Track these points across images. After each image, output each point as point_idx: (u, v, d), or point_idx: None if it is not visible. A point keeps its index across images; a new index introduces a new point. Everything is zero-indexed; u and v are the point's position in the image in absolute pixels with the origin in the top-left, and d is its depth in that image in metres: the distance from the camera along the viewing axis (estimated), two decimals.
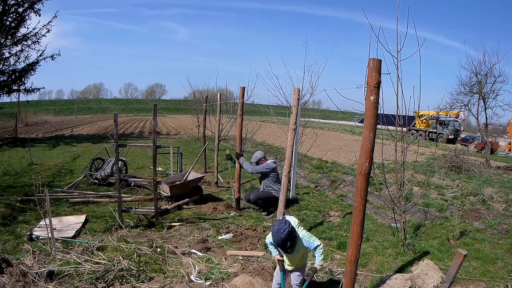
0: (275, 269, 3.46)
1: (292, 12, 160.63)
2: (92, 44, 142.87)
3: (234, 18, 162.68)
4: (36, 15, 15.87)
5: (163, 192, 6.13)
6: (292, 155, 4.75)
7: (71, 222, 4.71)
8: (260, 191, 5.73)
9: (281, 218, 4.14)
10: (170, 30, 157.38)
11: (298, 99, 4.33)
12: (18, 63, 15.89)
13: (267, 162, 5.73)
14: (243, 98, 5.80)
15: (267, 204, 5.54)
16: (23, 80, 16.04)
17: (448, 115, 24.88)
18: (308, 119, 7.74)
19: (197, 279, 3.27)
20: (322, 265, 2.83)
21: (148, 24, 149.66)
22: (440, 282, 3.09)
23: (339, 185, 7.77)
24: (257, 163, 5.74)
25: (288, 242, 2.54)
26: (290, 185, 6.48)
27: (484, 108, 12.04)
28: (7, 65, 15.49)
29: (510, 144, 23.22)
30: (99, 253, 3.64)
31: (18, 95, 16.57)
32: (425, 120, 29.57)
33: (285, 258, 2.82)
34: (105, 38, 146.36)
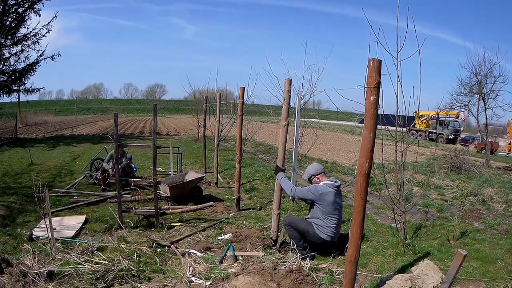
0: (275, 269, 3.46)
1: (300, 9, 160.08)
2: (94, 42, 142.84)
3: (241, 15, 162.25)
4: (36, 15, 15.90)
5: (162, 193, 6.13)
6: (284, 155, 4.17)
7: (71, 222, 4.72)
8: (300, 218, 4.19)
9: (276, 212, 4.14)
10: (174, 27, 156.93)
11: (289, 90, 4.04)
12: (18, 63, 15.93)
13: (321, 183, 3.89)
14: (243, 98, 5.80)
15: (301, 239, 3.88)
16: (23, 80, 16.06)
17: (448, 115, 24.90)
18: (308, 119, 7.74)
19: (197, 279, 3.27)
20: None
21: (152, 20, 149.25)
22: (440, 283, 3.09)
23: None
24: (310, 180, 4.07)
25: None
26: None
27: (484, 108, 12.06)
28: (7, 65, 15.51)
29: (510, 144, 23.24)
30: (99, 253, 3.64)
31: (18, 95, 16.59)
32: (425, 121, 29.58)
33: None
34: (107, 36, 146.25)
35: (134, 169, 7.72)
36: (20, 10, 15.51)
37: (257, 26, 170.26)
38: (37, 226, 4.52)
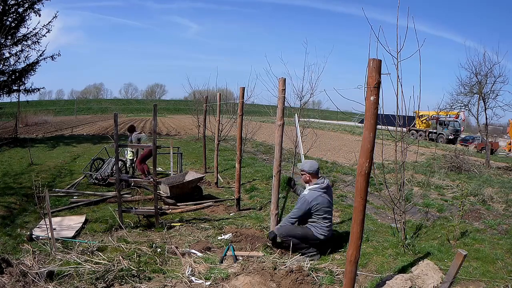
0: (275, 269, 3.46)
1: (302, 7, 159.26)
2: (95, 41, 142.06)
3: (243, 14, 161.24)
4: (36, 15, 15.91)
5: (162, 193, 6.13)
6: (280, 156, 4.14)
7: (71, 222, 4.71)
8: (293, 226, 3.97)
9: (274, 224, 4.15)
10: (176, 26, 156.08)
11: (283, 90, 4.06)
12: (18, 63, 15.94)
13: (307, 189, 3.94)
14: (243, 98, 5.80)
15: (302, 244, 3.89)
16: (23, 80, 16.07)
17: (448, 115, 24.91)
18: (308, 119, 7.73)
19: (197, 279, 3.27)
20: None
21: (154, 19, 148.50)
22: (440, 283, 3.09)
23: (339, 185, 7.77)
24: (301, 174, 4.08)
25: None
26: None
27: (484, 108, 12.06)
28: (7, 65, 15.51)
29: (510, 144, 23.24)
30: (99, 253, 3.64)
31: (18, 95, 16.61)
32: (425, 120, 29.58)
33: None
34: (108, 35, 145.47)
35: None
36: (20, 10, 15.52)
37: (259, 25, 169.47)
38: (37, 226, 4.52)
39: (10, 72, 15.75)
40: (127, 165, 8.00)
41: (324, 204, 3.85)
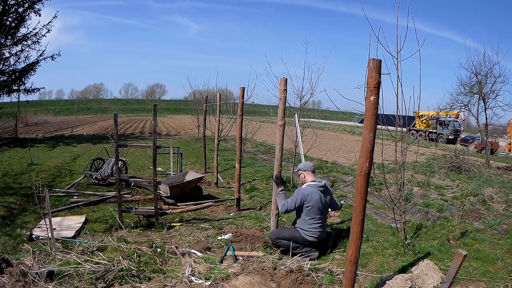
0: (275, 269, 3.46)
1: (302, 7, 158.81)
2: (95, 41, 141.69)
3: (243, 13, 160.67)
4: (36, 15, 15.91)
5: (162, 193, 6.12)
6: (281, 156, 4.15)
7: (71, 222, 4.71)
8: (283, 227, 4.23)
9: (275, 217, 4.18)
10: (177, 26, 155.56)
11: (285, 90, 4.09)
12: (18, 63, 15.92)
13: (305, 184, 4.01)
14: (243, 98, 5.81)
15: (293, 244, 3.88)
16: (23, 80, 16.05)
17: (448, 115, 24.91)
18: (308, 119, 7.74)
19: (197, 279, 3.27)
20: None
21: (153, 19, 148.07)
22: (440, 283, 3.09)
23: (339, 185, 7.77)
24: (298, 175, 4.24)
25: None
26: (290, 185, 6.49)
27: (484, 108, 12.06)
28: (7, 65, 15.49)
29: (510, 144, 23.24)
30: (99, 253, 3.64)
31: (18, 95, 16.59)
32: (425, 121, 29.59)
33: None
34: (108, 35, 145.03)
35: None
36: (20, 10, 15.51)
37: (259, 25, 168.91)
38: (37, 226, 4.51)
39: (10, 72, 15.73)
40: None
41: (318, 202, 3.86)
